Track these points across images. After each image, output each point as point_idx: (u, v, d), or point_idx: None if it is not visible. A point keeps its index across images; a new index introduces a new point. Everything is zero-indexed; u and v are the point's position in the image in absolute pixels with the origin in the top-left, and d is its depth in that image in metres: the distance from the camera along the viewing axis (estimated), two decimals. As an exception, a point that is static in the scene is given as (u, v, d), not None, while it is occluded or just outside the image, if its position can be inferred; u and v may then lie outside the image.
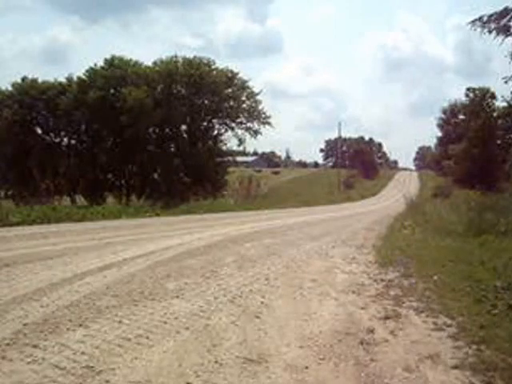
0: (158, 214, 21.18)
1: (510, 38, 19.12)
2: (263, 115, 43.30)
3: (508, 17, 18.83)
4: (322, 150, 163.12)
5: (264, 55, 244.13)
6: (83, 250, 9.61)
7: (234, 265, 8.43)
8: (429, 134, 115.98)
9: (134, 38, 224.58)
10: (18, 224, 15.05)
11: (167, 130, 41.40)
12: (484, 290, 6.59)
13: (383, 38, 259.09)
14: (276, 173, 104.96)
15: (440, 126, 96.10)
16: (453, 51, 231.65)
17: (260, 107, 43.71)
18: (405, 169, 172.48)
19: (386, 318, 5.44)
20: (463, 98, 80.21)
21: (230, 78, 42.20)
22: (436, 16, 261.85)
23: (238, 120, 43.30)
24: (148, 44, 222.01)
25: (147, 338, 4.41)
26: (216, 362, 3.94)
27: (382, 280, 7.57)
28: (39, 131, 42.17)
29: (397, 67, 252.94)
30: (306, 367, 3.93)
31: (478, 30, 19.61)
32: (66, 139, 42.48)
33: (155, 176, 41.13)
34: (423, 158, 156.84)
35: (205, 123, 43.00)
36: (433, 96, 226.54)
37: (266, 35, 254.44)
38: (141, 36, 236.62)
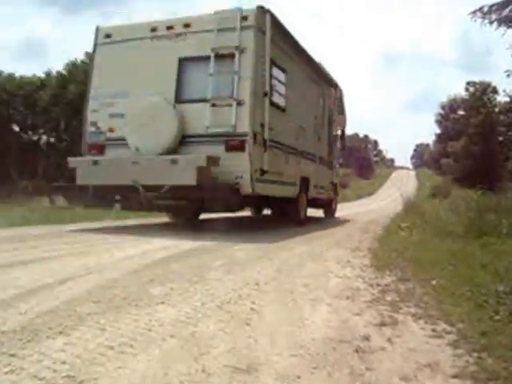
0: (141, 216, 21.12)
1: (512, 29, 19.19)
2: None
3: (510, 7, 18.88)
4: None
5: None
6: (64, 254, 9.58)
7: (222, 269, 8.41)
8: (427, 131, 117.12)
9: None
10: (-6, 226, 15.01)
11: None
12: (485, 294, 6.60)
13: (379, 30, 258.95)
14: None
15: (438, 122, 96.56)
16: (451, 44, 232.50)
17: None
18: (402, 167, 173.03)
19: (382, 324, 5.45)
20: (463, 93, 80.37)
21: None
22: (434, 8, 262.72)
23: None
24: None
25: (131, 346, 4.40)
26: (203, 371, 3.93)
27: (378, 284, 7.58)
28: (16, 129, 41.96)
29: (393, 60, 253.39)
30: (298, 377, 3.93)
31: (479, 21, 19.68)
32: (44, 137, 42.21)
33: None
34: (421, 155, 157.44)
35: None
36: (430, 91, 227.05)
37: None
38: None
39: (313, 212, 21.62)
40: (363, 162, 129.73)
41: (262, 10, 13.00)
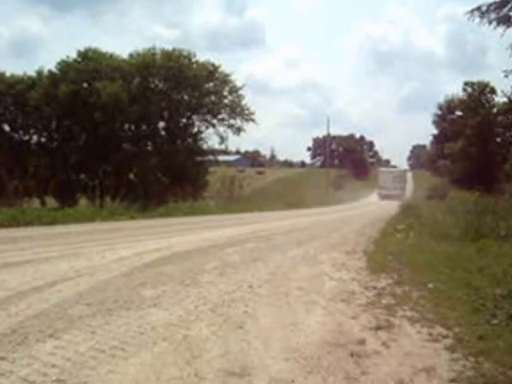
0: (133, 217, 21.02)
1: (511, 28, 19.08)
2: (246, 111, 43.01)
3: (509, 6, 18.77)
4: (309, 149, 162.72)
5: (244, 48, 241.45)
6: (54, 256, 9.57)
7: (215, 271, 8.42)
8: (423, 132, 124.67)
9: (106, 29, 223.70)
10: (-17, 228, 15.01)
11: (144, 127, 41.13)
12: (482, 298, 6.62)
13: (372, 29, 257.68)
14: (260, 173, 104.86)
15: (435, 123, 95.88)
16: (445, 43, 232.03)
17: (243, 102, 43.72)
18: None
19: (378, 328, 5.45)
20: (460, 93, 79.99)
21: (211, 71, 41.98)
22: (427, 5, 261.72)
23: (220, 116, 43.03)
24: (120, 35, 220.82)
25: (122, 349, 4.40)
26: (196, 375, 3.93)
27: (374, 288, 7.58)
28: (7, 128, 41.84)
29: (387, 60, 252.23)
30: (292, 381, 3.93)
31: (477, 20, 19.54)
32: (35, 137, 42.02)
33: (131, 176, 40.72)
34: (417, 157, 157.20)
35: (184, 120, 42.71)
36: (426, 91, 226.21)
37: (247, 26, 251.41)
38: (113, 27, 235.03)
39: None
40: (359, 163, 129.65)
41: (407, 169, 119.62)
